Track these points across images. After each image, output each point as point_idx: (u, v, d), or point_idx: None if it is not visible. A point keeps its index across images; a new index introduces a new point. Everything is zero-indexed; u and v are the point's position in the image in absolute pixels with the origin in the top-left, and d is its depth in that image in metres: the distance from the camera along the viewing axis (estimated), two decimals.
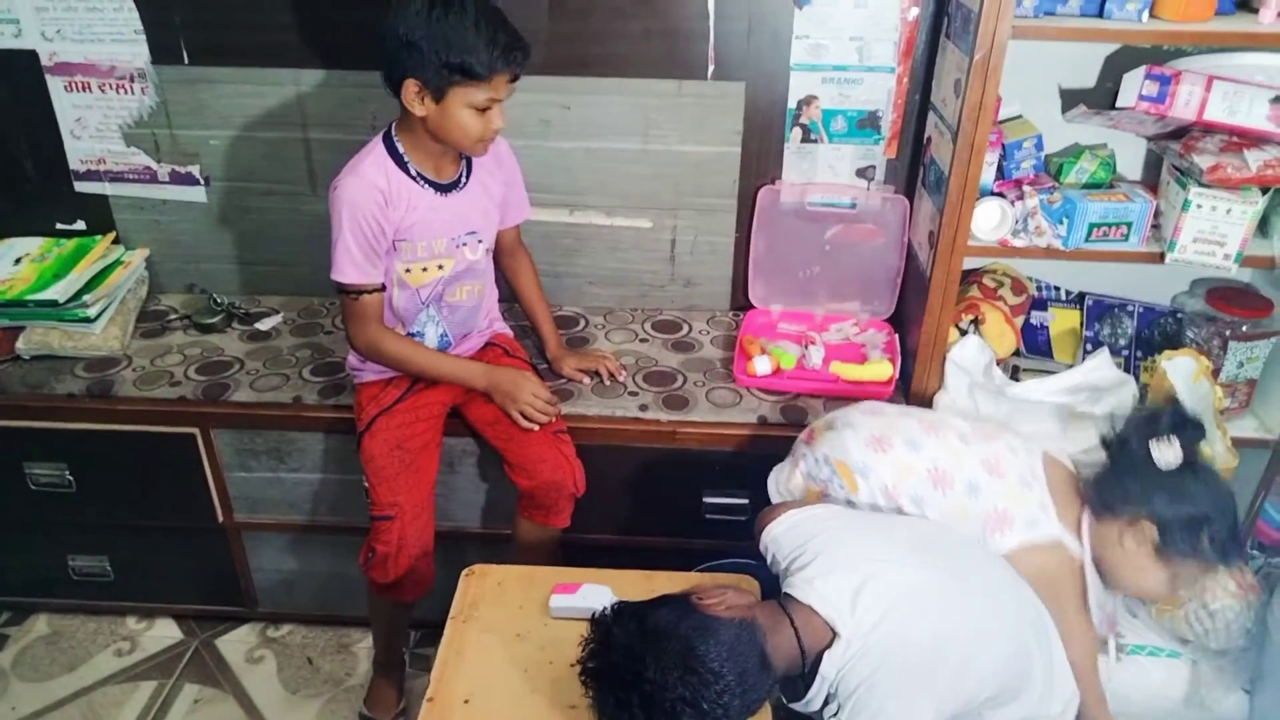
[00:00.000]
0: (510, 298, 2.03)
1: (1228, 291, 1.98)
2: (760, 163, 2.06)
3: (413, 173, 1.68)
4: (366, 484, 1.77)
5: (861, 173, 2.06)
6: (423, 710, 1.35)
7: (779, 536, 1.43)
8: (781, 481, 1.68)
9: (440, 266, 1.75)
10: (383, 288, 1.72)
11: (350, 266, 1.66)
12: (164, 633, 2.23)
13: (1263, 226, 1.78)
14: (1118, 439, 1.54)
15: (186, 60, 2.03)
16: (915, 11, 1.88)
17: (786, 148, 2.04)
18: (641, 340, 2.15)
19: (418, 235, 1.70)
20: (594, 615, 1.29)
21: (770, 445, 1.85)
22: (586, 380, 1.98)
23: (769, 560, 1.45)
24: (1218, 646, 1.82)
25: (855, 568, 1.33)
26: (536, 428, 1.78)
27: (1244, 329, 1.92)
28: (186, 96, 2.07)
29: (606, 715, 1.23)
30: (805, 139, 2.03)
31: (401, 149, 1.67)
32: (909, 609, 1.31)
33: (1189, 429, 1.49)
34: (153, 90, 2.07)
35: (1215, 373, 1.90)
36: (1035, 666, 1.40)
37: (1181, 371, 1.80)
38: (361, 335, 1.74)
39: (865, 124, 2.00)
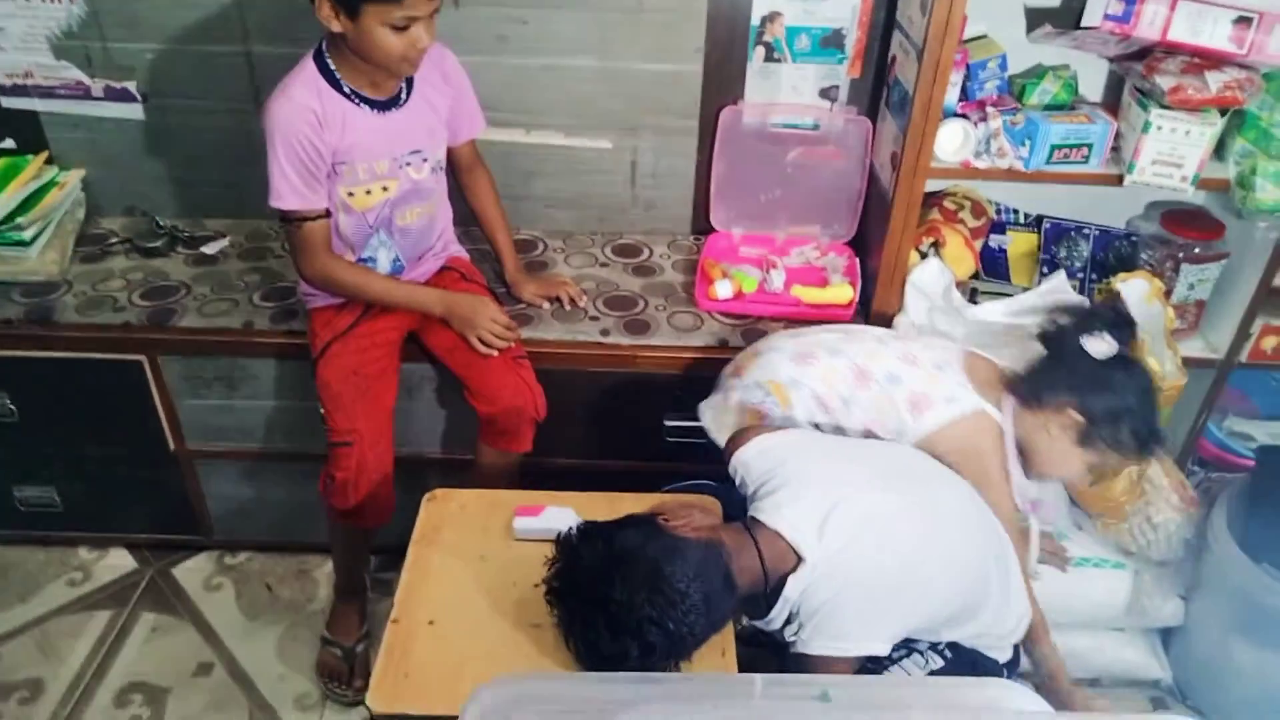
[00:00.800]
0: (467, 220, 1.98)
1: (1181, 214, 2.00)
2: (722, 82, 2.02)
3: (346, 90, 1.60)
4: (323, 410, 1.74)
5: (825, 93, 2.03)
6: (387, 632, 1.35)
7: (749, 461, 1.44)
8: (716, 414, 1.71)
9: (385, 188, 1.69)
10: (327, 214, 1.66)
11: (289, 192, 1.60)
12: (118, 562, 2.20)
13: (1219, 150, 1.79)
14: (1055, 330, 1.58)
15: None
16: None
17: (749, 67, 2.00)
18: (602, 265, 2.12)
19: (357, 157, 1.63)
20: (559, 536, 1.30)
21: None
22: (546, 305, 1.95)
23: (738, 483, 1.46)
24: (1159, 557, 1.90)
25: (824, 493, 1.34)
26: (495, 353, 1.76)
27: (1196, 251, 1.95)
28: (119, 6, 1.95)
29: (573, 635, 1.25)
30: (768, 58, 1.98)
31: (333, 65, 1.59)
32: (875, 535, 1.33)
33: (1124, 326, 1.55)
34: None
35: (1167, 294, 1.93)
36: (993, 588, 1.44)
37: (1135, 293, 1.83)
38: (310, 265, 1.69)
39: (829, 42, 1.96)
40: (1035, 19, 1.90)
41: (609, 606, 1.18)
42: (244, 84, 2.03)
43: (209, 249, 2.11)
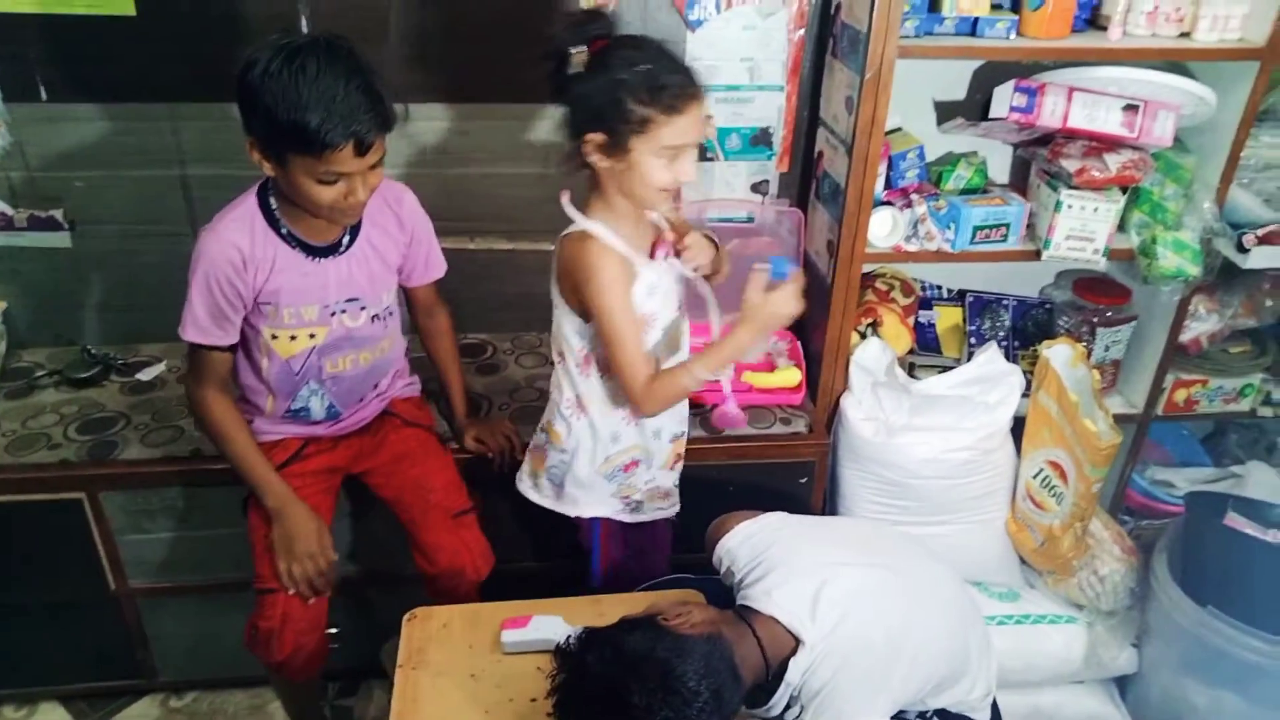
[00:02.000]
0: None
1: (1090, 281, 2.16)
2: None
3: (283, 231, 1.51)
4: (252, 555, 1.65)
5: (756, 187, 2.13)
6: None
7: (734, 549, 1.46)
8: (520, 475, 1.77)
9: (311, 335, 1.59)
10: (231, 349, 1.58)
11: (192, 325, 1.52)
12: (50, 718, 2.04)
13: (1121, 222, 1.95)
14: (551, 79, 1.43)
15: (44, 96, 1.88)
16: (801, 33, 1.96)
17: None
18: (551, 363, 2.13)
19: (283, 300, 1.54)
20: (559, 646, 1.28)
21: (692, 458, 1.87)
22: (483, 451, 1.86)
23: (723, 572, 1.48)
24: (1107, 608, 1.98)
25: (810, 574, 1.37)
26: (303, 589, 1.60)
27: (1108, 315, 2.10)
28: (45, 135, 1.92)
29: None
30: (702, 157, 2.07)
31: (274, 204, 1.51)
32: (864, 610, 1.37)
33: (587, 23, 1.41)
34: (4, 130, 1.90)
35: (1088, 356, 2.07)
36: (973, 653, 1.48)
37: (1060, 358, 1.96)
38: (194, 389, 1.60)
39: (758, 140, 2.07)
40: (944, 112, 2.05)
41: (630, 713, 1.16)
42: (179, 206, 2.00)
43: (145, 375, 2.04)
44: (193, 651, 2.03)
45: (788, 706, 1.38)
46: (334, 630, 1.75)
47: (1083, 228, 1.88)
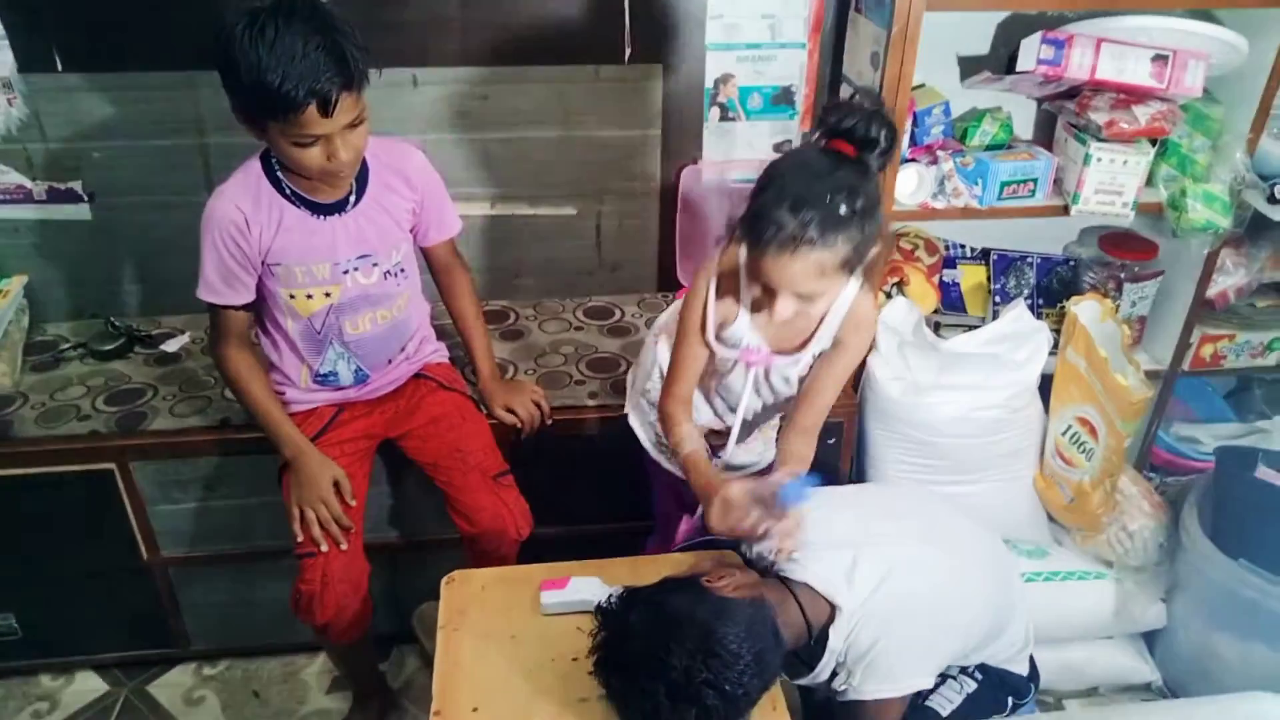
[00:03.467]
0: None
1: (1117, 236, 2.14)
2: (681, 143, 2.08)
3: (287, 191, 1.52)
4: (290, 521, 1.65)
5: (778, 147, 2.11)
6: None
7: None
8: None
9: (327, 294, 1.59)
10: (246, 308, 1.60)
11: (204, 286, 1.56)
12: (86, 686, 2.06)
13: (1148, 176, 1.93)
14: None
15: (60, 67, 1.86)
16: None
17: (706, 127, 2.06)
18: (577, 328, 2.14)
19: (293, 259, 1.55)
20: (600, 605, 1.29)
21: None
22: (512, 421, 1.83)
23: (753, 555, 1.46)
24: (1137, 563, 1.99)
25: (841, 548, 1.37)
26: (315, 533, 1.61)
27: (1135, 270, 2.09)
28: (62, 106, 1.90)
29: (631, 706, 1.23)
30: (723, 117, 2.06)
31: (278, 165, 1.51)
32: (902, 576, 1.36)
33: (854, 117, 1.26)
34: (21, 101, 1.88)
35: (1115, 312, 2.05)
36: (1014, 612, 1.49)
37: (1089, 313, 1.95)
38: (216, 345, 1.64)
39: (780, 99, 2.05)
40: (967, 67, 2.02)
41: (668, 674, 1.16)
42: (199, 175, 1.99)
43: (170, 346, 2.04)
44: (225, 620, 2.04)
45: (834, 673, 1.38)
46: None
47: (1112, 181, 1.86)
